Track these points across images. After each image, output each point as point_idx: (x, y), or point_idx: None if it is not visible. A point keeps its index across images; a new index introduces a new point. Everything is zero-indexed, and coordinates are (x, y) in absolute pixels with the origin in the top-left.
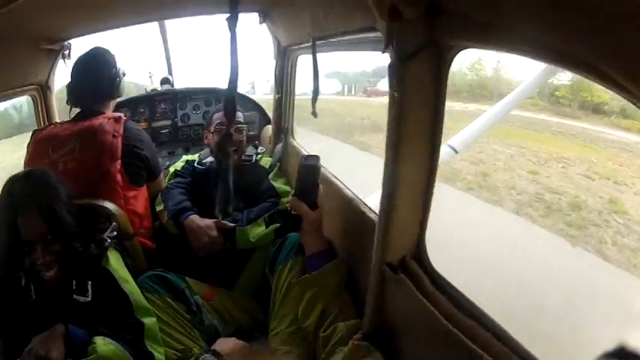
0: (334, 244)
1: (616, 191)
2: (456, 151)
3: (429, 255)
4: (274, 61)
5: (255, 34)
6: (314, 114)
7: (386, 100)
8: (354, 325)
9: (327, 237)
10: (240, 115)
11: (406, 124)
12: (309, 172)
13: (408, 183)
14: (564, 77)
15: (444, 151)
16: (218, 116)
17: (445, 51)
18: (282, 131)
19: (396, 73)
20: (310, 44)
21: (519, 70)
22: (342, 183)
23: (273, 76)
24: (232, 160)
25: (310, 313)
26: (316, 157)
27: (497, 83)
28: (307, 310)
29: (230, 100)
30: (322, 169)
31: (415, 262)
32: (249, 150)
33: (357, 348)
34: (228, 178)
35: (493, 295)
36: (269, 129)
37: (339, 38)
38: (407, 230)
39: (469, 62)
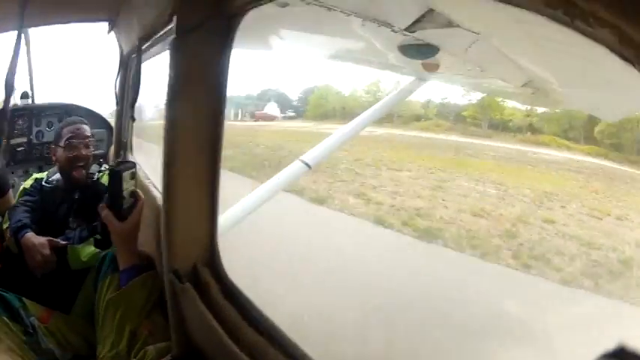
0: (153, 257)
1: (627, 229)
2: (309, 167)
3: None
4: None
5: None
6: (132, 118)
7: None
8: (164, 347)
9: (145, 250)
10: (87, 129)
11: (184, 108)
12: (113, 179)
13: (190, 179)
14: (474, 96)
15: (297, 166)
16: (69, 130)
17: (231, 19)
18: (122, 146)
19: (176, 49)
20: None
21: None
22: (159, 192)
23: (114, 86)
24: (79, 176)
25: (122, 336)
26: (130, 164)
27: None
28: (119, 333)
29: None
30: (147, 179)
31: (208, 270)
32: (93, 168)
33: None
34: (70, 196)
35: None
36: None
37: (158, 35)
38: (195, 233)
39: (365, 84)
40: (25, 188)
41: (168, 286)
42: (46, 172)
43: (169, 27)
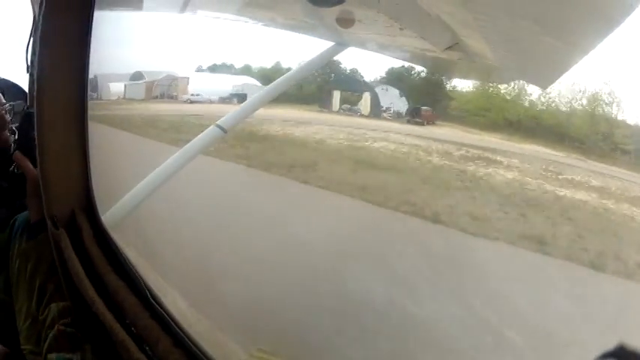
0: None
1: None
2: (225, 131)
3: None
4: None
5: None
6: None
7: None
8: (65, 306)
9: None
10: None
11: (53, 64)
12: (26, 121)
13: (61, 128)
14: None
15: (213, 132)
16: None
17: None
18: None
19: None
20: None
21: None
22: None
23: (25, 53)
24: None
25: (33, 292)
26: None
27: None
28: (30, 288)
29: None
30: None
31: (83, 215)
32: (10, 139)
33: (62, 335)
34: None
35: None
36: None
37: None
38: (68, 180)
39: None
40: None
41: (51, 236)
42: None
43: None
